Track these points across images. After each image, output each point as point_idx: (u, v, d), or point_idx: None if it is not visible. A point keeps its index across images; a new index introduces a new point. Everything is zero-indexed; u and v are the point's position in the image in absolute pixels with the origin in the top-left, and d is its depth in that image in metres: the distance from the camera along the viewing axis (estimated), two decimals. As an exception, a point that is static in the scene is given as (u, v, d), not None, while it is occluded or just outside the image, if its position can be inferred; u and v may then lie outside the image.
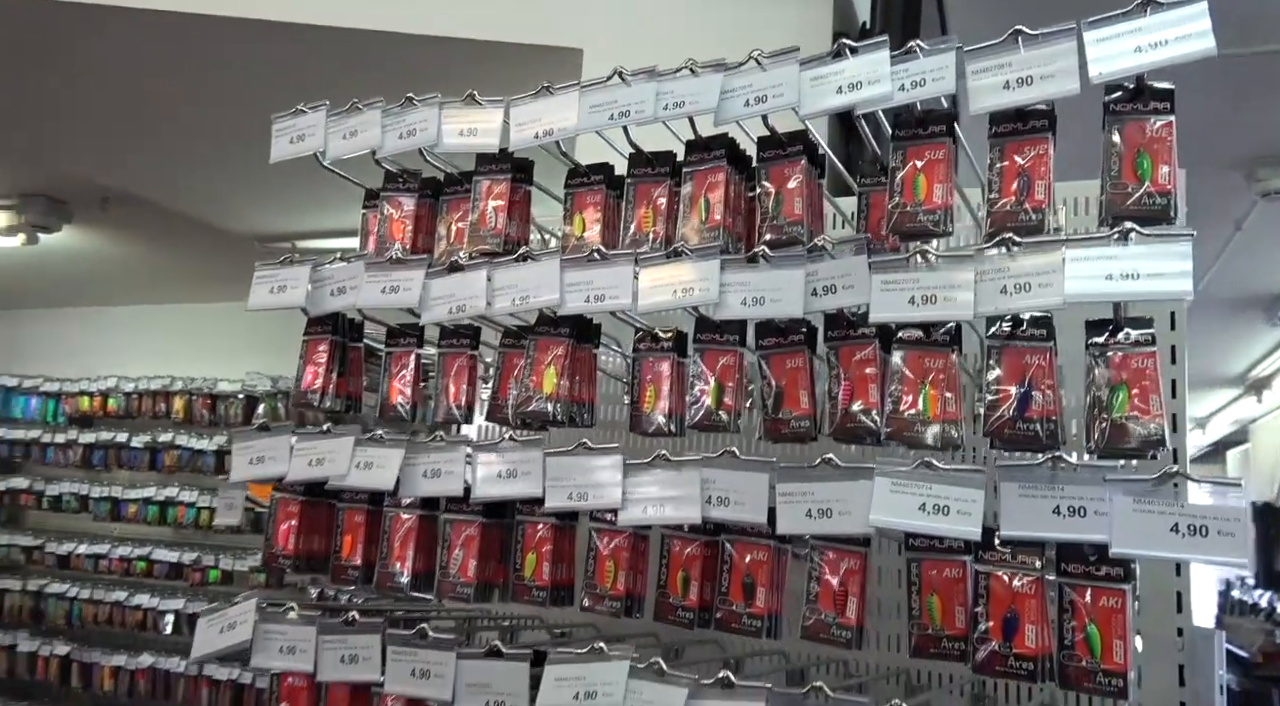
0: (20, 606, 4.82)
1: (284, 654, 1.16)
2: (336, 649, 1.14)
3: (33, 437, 5.00)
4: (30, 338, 5.64)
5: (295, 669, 1.15)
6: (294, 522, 1.27)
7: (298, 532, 1.26)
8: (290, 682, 1.26)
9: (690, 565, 1.09)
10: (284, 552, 1.27)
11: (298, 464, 1.22)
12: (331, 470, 1.19)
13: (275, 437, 1.24)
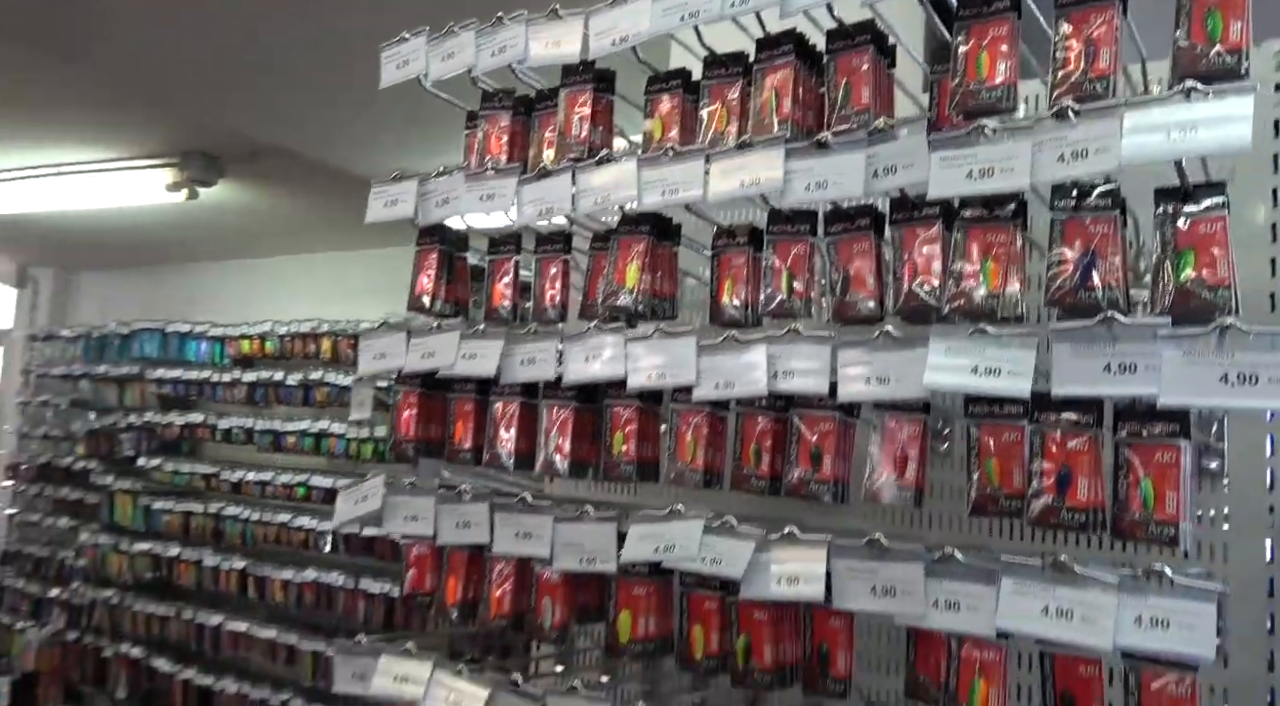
0: (204, 527, 5.40)
1: (407, 520, 1.32)
2: (452, 516, 1.29)
3: (204, 378, 5.53)
4: (199, 288, 6.23)
5: (417, 533, 1.32)
6: (414, 411, 1.42)
7: (417, 420, 1.42)
8: (416, 552, 1.43)
9: (762, 439, 1.17)
10: (406, 438, 1.43)
11: (412, 357, 1.37)
12: (440, 361, 1.34)
13: (393, 336, 1.40)
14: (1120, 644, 0.84)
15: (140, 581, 5.59)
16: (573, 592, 1.26)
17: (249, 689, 5.13)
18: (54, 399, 6.28)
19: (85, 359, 6.11)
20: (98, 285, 6.92)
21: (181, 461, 5.64)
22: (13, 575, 6.32)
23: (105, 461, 5.92)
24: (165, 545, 5.50)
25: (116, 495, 5.76)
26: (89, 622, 5.78)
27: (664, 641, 1.21)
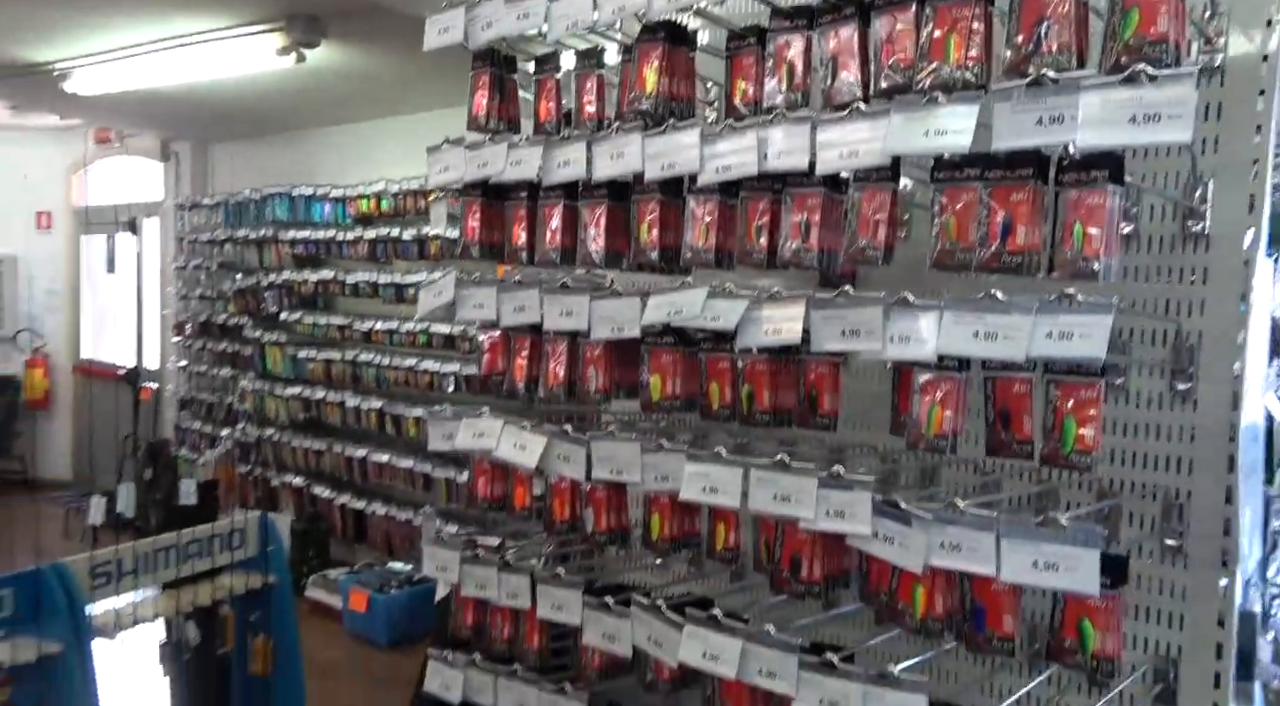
0: (343, 372, 5.99)
1: (475, 308, 1.57)
2: (510, 302, 1.53)
3: (330, 236, 6.00)
4: (319, 152, 6.62)
5: (480, 318, 1.56)
6: (477, 219, 1.64)
7: (480, 226, 1.64)
8: (488, 339, 1.69)
9: (761, 218, 1.32)
10: (471, 242, 1.65)
11: (470, 168, 1.57)
12: (492, 169, 1.54)
13: (455, 150, 1.60)
14: (1033, 353, 0.99)
15: (295, 421, 6.31)
16: (611, 363, 1.48)
17: (395, 511, 5.82)
18: (204, 262, 6.93)
19: (226, 224, 6.68)
20: (229, 155, 7.42)
21: (319, 315, 6.19)
22: (189, 418, 7.23)
23: (253, 317, 6.57)
24: (312, 389, 6.16)
25: (267, 347, 6.42)
26: (257, 457, 6.60)
27: (689, 400, 1.43)
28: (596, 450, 1.40)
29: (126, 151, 7.97)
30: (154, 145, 7.60)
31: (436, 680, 1.58)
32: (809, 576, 1.24)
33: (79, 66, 5.23)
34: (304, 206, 6.13)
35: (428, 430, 1.62)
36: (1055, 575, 0.99)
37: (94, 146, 8.13)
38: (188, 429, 7.20)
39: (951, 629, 1.15)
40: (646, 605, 1.34)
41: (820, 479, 1.16)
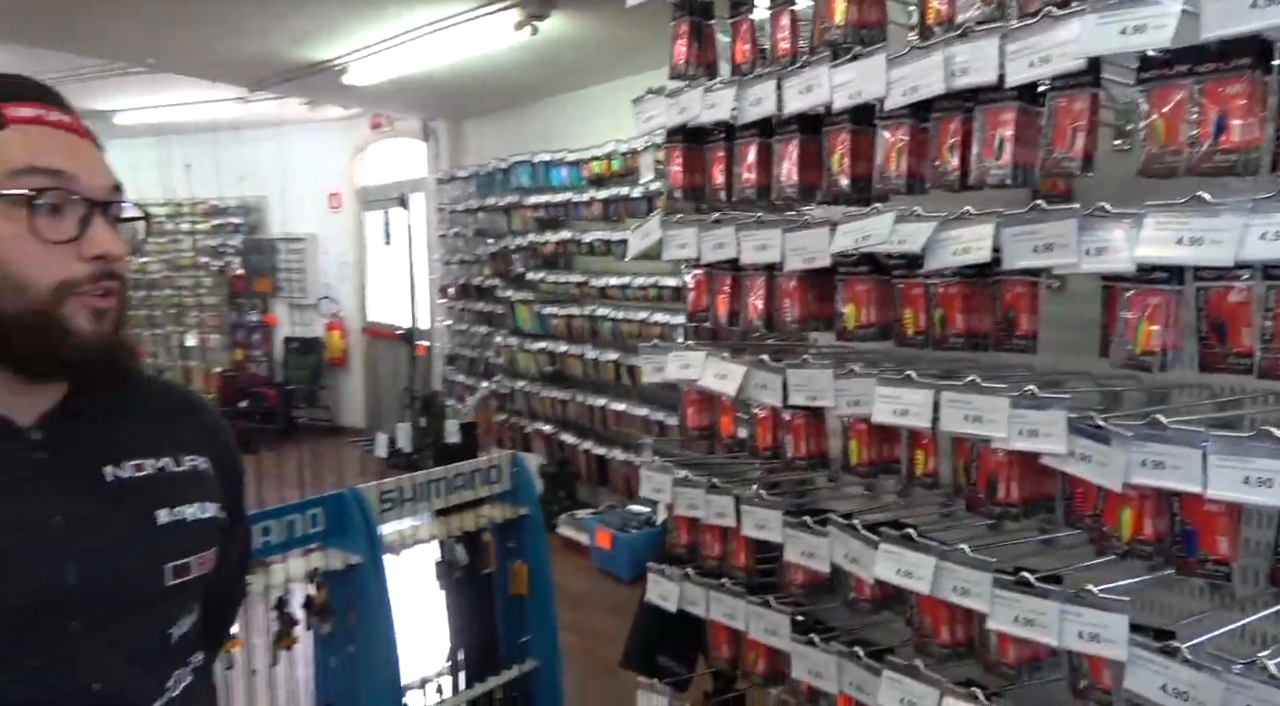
0: (583, 327, 6.39)
1: (679, 247, 1.67)
2: (709, 240, 1.61)
3: (567, 199, 6.37)
4: (555, 119, 7.04)
5: (684, 256, 1.66)
6: (680, 164, 1.73)
7: (683, 171, 1.73)
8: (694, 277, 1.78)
9: (955, 136, 1.30)
10: (675, 186, 1.75)
11: (670, 113, 1.67)
12: (689, 113, 1.62)
13: (657, 99, 1.70)
14: (1245, 256, 0.91)
15: (543, 373, 6.83)
16: (807, 294, 1.53)
17: (633, 457, 6.16)
18: (461, 230, 7.62)
19: (478, 193, 7.28)
20: (478, 129, 8.06)
21: (560, 273, 6.62)
22: (454, 372, 8.04)
23: (504, 278, 7.15)
24: (556, 343, 6.63)
25: (516, 305, 6.97)
26: (512, 406, 7.24)
27: (883, 327, 1.44)
28: (792, 377, 1.45)
29: (395, 134, 8.91)
30: (417, 126, 8.42)
31: (655, 590, 1.73)
32: (1005, 498, 1.23)
33: (354, 60, 5.93)
34: (544, 172, 6.54)
35: (641, 364, 1.75)
36: (1270, 491, 0.92)
37: (370, 132, 9.17)
38: (453, 381, 8.01)
39: (1161, 553, 1.10)
40: (843, 524, 1.39)
41: (1013, 398, 1.14)
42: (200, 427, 1.12)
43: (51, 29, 5.26)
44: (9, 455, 0.93)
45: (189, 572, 1.02)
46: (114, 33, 5.36)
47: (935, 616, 1.31)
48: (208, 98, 7.73)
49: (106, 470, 0.99)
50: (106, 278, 0.94)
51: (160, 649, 1.01)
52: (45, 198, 0.91)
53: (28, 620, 0.89)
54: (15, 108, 0.93)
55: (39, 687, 0.90)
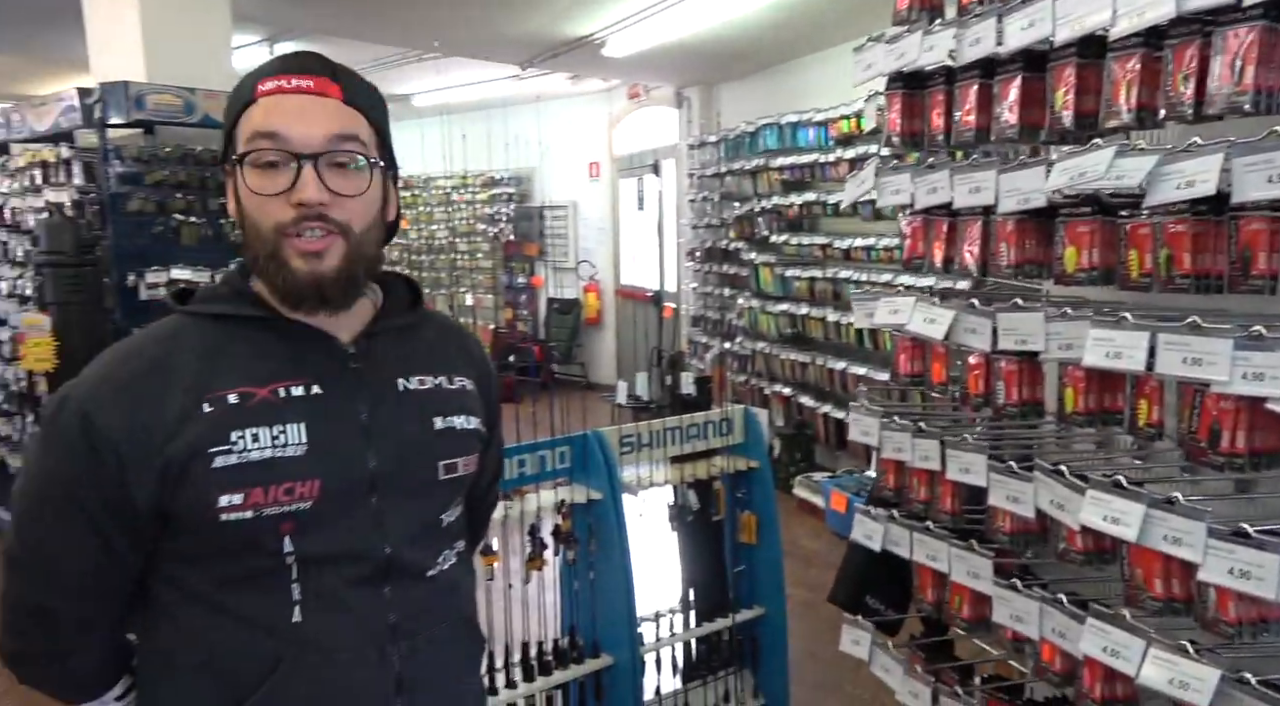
0: (825, 289, 6.35)
1: (894, 194, 1.68)
2: (923, 186, 1.61)
3: (813, 160, 6.32)
4: (806, 80, 6.97)
5: (898, 202, 1.67)
6: (898, 109, 1.73)
7: (901, 116, 1.73)
8: (911, 225, 1.78)
9: (1191, 63, 1.21)
10: (893, 133, 1.75)
11: (889, 60, 1.67)
12: (908, 58, 1.61)
13: (876, 47, 1.71)
14: None
15: (783, 335, 6.88)
16: (1022, 238, 1.48)
17: (872, 421, 6.07)
18: (709, 194, 7.80)
19: (726, 158, 7.41)
20: (729, 94, 8.17)
21: (803, 235, 6.61)
22: (699, 333, 8.30)
23: (749, 241, 7.25)
24: (797, 305, 6.65)
25: (760, 267, 7.05)
26: (751, 368, 7.36)
27: (1105, 270, 1.38)
28: (1002, 321, 1.43)
29: (651, 103, 9.26)
30: (670, 94, 8.70)
31: (861, 530, 1.78)
32: (1229, 448, 1.15)
33: (613, 33, 6.25)
34: (790, 133, 6.53)
35: (854, 307, 1.79)
36: None
37: (627, 102, 9.60)
38: (697, 342, 8.27)
39: None
40: (1049, 469, 1.36)
41: (1236, 339, 1.07)
42: (468, 356, 1.31)
43: (362, 21, 6.05)
44: (334, 363, 1.14)
45: (456, 471, 1.21)
46: (408, 21, 6.07)
47: (1148, 568, 1.26)
48: (484, 78, 8.49)
49: (399, 381, 1.18)
50: (313, 220, 1.06)
51: (434, 529, 1.20)
52: (260, 156, 1.06)
53: (345, 492, 1.10)
54: (264, 83, 1.08)
55: (351, 543, 1.11)
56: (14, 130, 4.84)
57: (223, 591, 1.09)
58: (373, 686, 1.12)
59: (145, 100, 4.11)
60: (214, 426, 1.04)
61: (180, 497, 1.04)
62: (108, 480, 1.04)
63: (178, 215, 4.30)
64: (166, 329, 1.13)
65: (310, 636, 1.08)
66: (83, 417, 1.03)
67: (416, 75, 8.59)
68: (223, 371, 1.08)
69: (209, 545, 1.07)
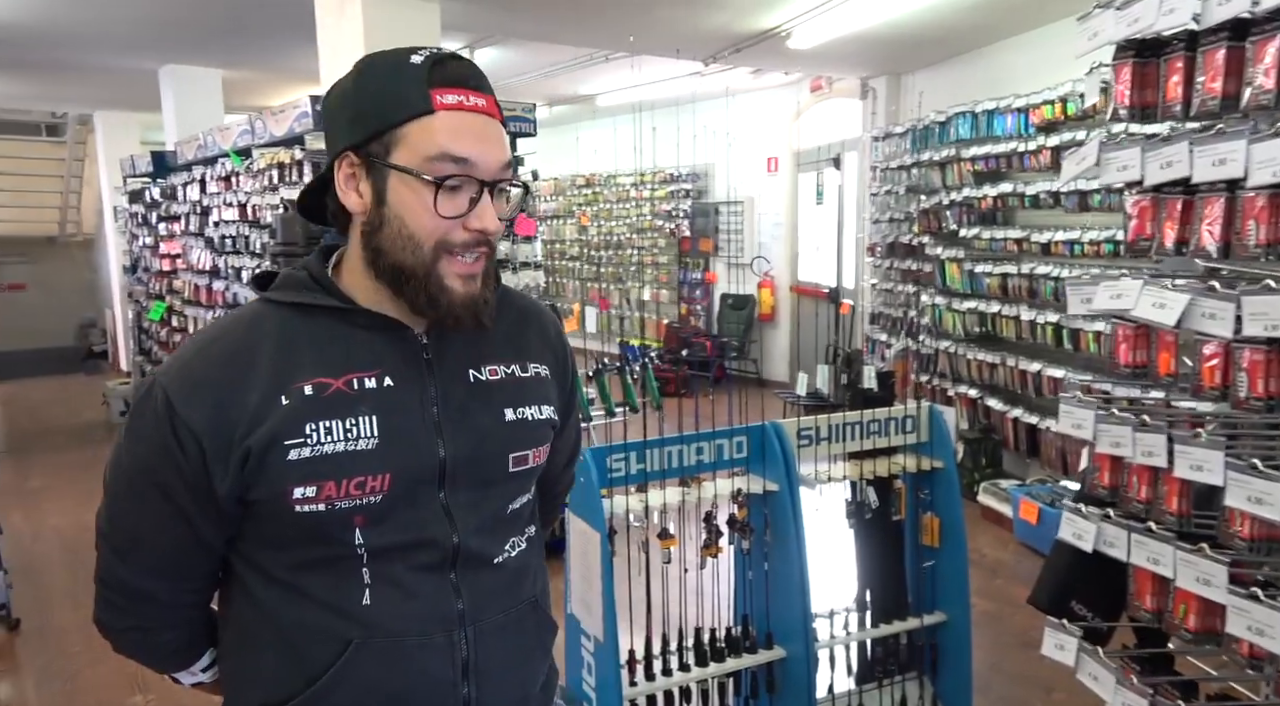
0: (1019, 286, 5.98)
1: (1120, 170, 1.56)
2: (1156, 160, 1.49)
3: (1011, 149, 5.96)
4: (1001, 65, 6.60)
5: (1125, 179, 1.55)
6: (1126, 82, 1.61)
7: (1131, 88, 1.60)
8: (1139, 204, 1.66)
9: None
10: (1121, 106, 1.63)
11: (1119, 27, 1.55)
12: (1142, 25, 1.49)
13: (1103, 14, 1.59)
14: None
15: (970, 334, 6.55)
16: (1275, 214, 1.34)
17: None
18: (894, 187, 7.54)
19: (913, 150, 7.14)
20: (919, 83, 7.86)
21: (996, 229, 6.26)
22: (877, 330, 8.06)
23: (935, 235, 6.96)
24: (987, 303, 6.31)
25: (946, 263, 6.75)
26: (934, 367, 7.06)
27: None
28: (1248, 306, 1.30)
29: (833, 95, 9.07)
30: (854, 86, 8.49)
31: (1070, 528, 1.67)
32: None
33: (798, 24, 6.18)
34: (986, 122, 6.20)
35: (1068, 294, 1.68)
36: None
37: (809, 95, 9.46)
38: (875, 340, 8.04)
39: None
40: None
41: None
42: (544, 339, 1.29)
43: (561, 25, 6.30)
44: (407, 354, 1.14)
45: (526, 462, 1.21)
46: (601, 24, 6.26)
47: None
48: (665, 76, 8.62)
49: (471, 372, 1.18)
50: (479, 245, 1.09)
51: (501, 518, 1.21)
52: (449, 182, 1.06)
53: (415, 485, 1.11)
54: (444, 94, 1.05)
55: (420, 533, 1.12)
56: (257, 136, 5.41)
57: (298, 574, 1.12)
58: (440, 670, 1.13)
59: (366, 104, 4.46)
60: (289, 419, 1.06)
61: (257, 488, 1.07)
62: (191, 468, 1.06)
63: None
64: (247, 316, 1.14)
65: (379, 620, 1.10)
66: (167, 406, 1.06)
67: (597, 75, 8.84)
68: (299, 362, 1.09)
69: (285, 532, 1.10)
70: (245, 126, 5.53)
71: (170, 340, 7.73)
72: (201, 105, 7.87)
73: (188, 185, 6.91)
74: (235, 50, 7.14)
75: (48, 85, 8.89)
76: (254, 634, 1.15)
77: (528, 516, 1.28)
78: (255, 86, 8.90)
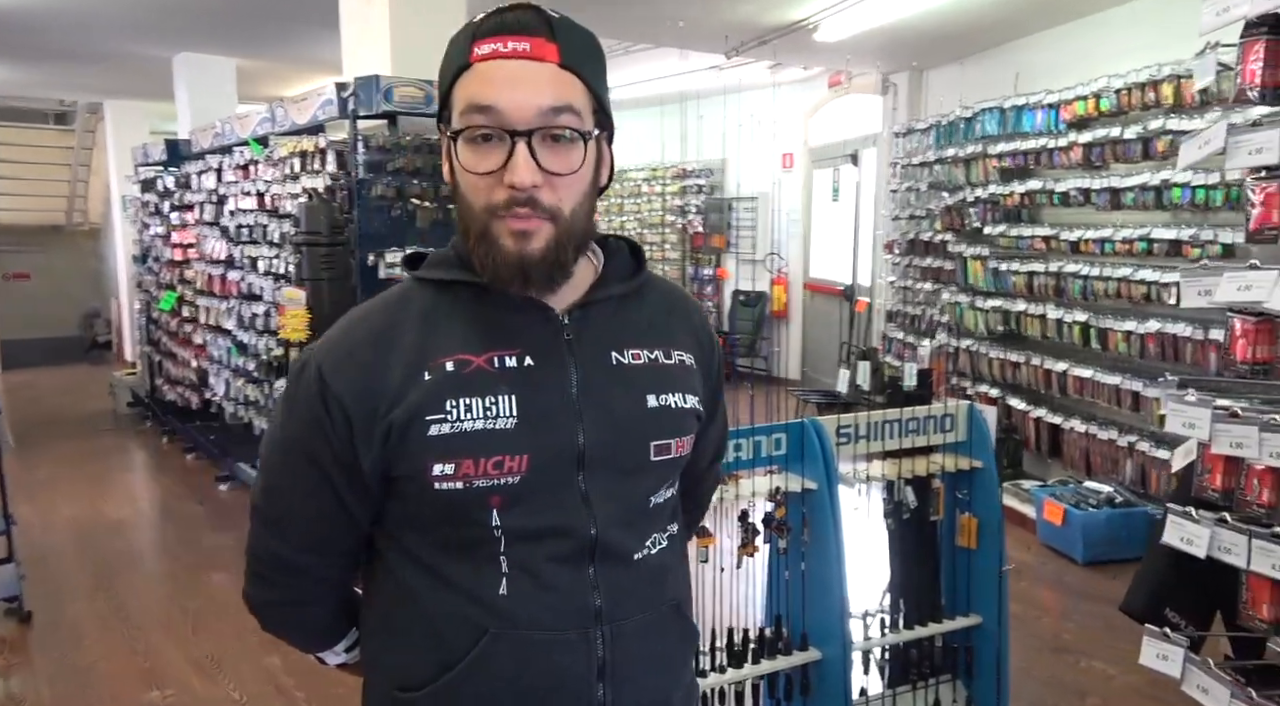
0: (1046, 284, 5.91)
1: (1252, 154, 1.47)
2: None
3: (1040, 146, 5.86)
4: (1030, 60, 6.50)
5: (1258, 163, 1.46)
6: (1258, 60, 1.51)
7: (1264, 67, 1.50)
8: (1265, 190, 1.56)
9: None
10: (1249, 86, 1.53)
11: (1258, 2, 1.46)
12: None
13: None
14: None
15: (993, 333, 6.47)
16: None
17: (1095, 429, 5.60)
18: (914, 184, 7.46)
19: (936, 146, 7.05)
20: (941, 79, 7.78)
21: (1023, 226, 6.18)
22: (894, 329, 7.98)
23: (957, 233, 6.87)
24: (1012, 301, 6.23)
25: (969, 260, 6.67)
26: (955, 367, 6.98)
27: None
28: (1400, 296, 1.21)
29: (851, 91, 8.99)
30: (875, 82, 8.40)
31: (1177, 533, 1.58)
32: None
33: (826, 17, 6.09)
34: (1014, 118, 6.11)
35: (1182, 287, 1.59)
36: None
37: (826, 91, 9.37)
38: (892, 338, 7.96)
39: None
40: None
41: None
42: (690, 328, 1.24)
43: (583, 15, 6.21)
44: (549, 333, 1.11)
45: (668, 452, 1.15)
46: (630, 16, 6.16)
47: None
48: (684, 69, 8.54)
49: (613, 355, 1.13)
50: (523, 204, 1.02)
51: (642, 511, 1.15)
52: (473, 133, 1.01)
53: (553, 468, 1.08)
54: (480, 45, 1.02)
55: (557, 520, 1.09)
56: (278, 124, 5.32)
57: (438, 557, 1.10)
58: (575, 669, 1.10)
59: (393, 93, 4.40)
60: (431, 394, 1.05)
61: (399, 463, 1.06)
62: (339, 442, 1.07)
63: (414, 200, 4.58)
64: (396, 294, 1.15)
65: (514, 610, 1.08)
66: (319, 380, 1.07)
67: (613, 69, 8.75)
68: (442, 338, 1.09)
69: (426, 511, 1.09)
70: (265, 114, 5.44)
71: (181, 331, 7.64)
72: (215, 94, 7.79)
73: (203, 174, 6.82)
74: (251, 38, 7.05)
75: (60, 73, 8.80)
76: (394, 617, 1.14)
77: (670, 513, 1.22)
78: (269, 76, 8.81)
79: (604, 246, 1.20)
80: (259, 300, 5.64)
